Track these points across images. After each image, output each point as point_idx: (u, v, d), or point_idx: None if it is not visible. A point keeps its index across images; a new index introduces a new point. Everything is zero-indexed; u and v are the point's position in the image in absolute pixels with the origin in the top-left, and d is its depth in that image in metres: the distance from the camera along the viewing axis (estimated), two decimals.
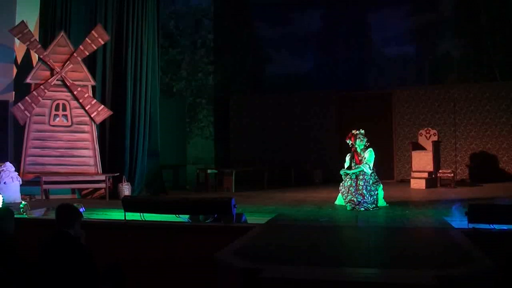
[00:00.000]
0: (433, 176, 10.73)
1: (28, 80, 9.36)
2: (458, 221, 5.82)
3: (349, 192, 7.43)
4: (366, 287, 3.34)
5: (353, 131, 7.84)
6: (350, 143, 7.86)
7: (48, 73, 9.45)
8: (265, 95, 14.17)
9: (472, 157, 12.21)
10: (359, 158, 7.67)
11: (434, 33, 13.21)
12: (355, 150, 7.76)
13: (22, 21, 9.29)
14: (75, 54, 9.51)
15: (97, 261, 3.68)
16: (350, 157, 7.80)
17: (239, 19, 14.83)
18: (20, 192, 8.51)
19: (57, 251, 3.61)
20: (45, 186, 8.94)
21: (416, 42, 13.56)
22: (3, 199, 7.17)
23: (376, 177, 7.65)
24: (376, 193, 7.45)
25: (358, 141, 7.72)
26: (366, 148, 7.72)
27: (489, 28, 12.51)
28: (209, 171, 11.34)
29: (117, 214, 6.83)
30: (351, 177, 7.59)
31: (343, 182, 7.68)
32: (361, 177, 7.48)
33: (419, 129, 11.84)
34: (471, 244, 4.36)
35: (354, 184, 7.44)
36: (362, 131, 7.84)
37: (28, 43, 9.32)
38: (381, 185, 7.61)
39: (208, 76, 14.71)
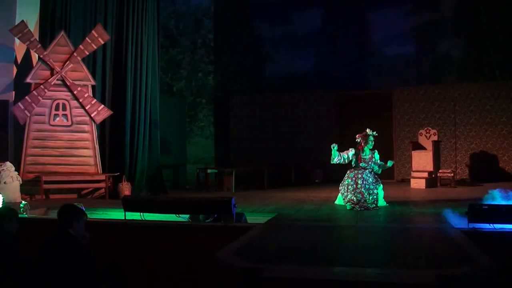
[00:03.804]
0: (433, 175, 10.74)
1: (28, 80, 9.35)
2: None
3: (348, 191, 7.42)
4: (366, 287, 3.34)
5: (368, 131, 7.72)
6: (359, 141, 7.76)
7: (48, 72, 9.44)
8: (265, 95, 14.18)
9: (472, 157, 12.21)
10: (362, 157, 7.64)
11: (434, 33, 13.21)
12: (362, 149, 7.71)
13: (22, 21, 9.28)
14: (75, 53, 9.50)
15: (97, 261, 3.68)
16: (355, 154, 7.73)
17: (239, 18, 14.84)
18: (20, 192, 8.51)
19: (57, 250, 3.61)
20: (45, 186, 8.93)
21: (416, 42, 13.57)
22: (3, 199, 7.17)
23: (376, 176, 7.64)
24: (376, 192, 7.44)
25: (370, 143, 7.65)
26: (372, 149, 7.69)
27: (489, 28, 12.52)
28: (209, 170, 11.35)
29: (117, 214, 6.83)
30: (349, 175, 7.57)
31: (342, 181, 7.67)
32: (359, 176, 7.47)
33: (419, 128, 11.84)
34: (471, 244, 4.36)
35: (353, 183, 7.43)
36: (375, 134, 7.73)
37: (28, 42, 9.32)
38: (381, 185, 7.59)
39: (208, 75, 14.73)
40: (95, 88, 10.03)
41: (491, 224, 5.28)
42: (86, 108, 9.60)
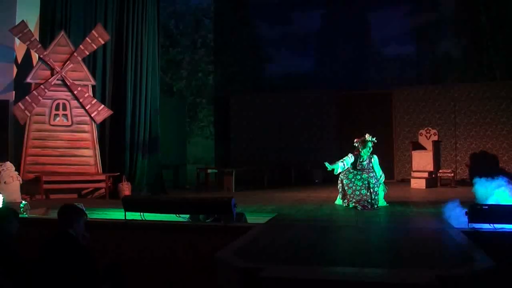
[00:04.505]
0: (433, 175, 10.74)
1: (28, 80, 9.36)
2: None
3: (347, 189, 7.41)
4: (366, 287, 3.33)
5: (367, 136, 7.64)
6: (356, 145, 7.71)
7: (48, 72, 9.45)
8: (265, 95, 14.18)
9: (472, 157, 12.21)
10: (360, 162, 7.59)
11: (434, 33, 13.21)
12: (358, 154, 7.67)
13: (22, 21, 9.29)
14: (75, 53, 9.51)
15: (97, 261, 3.68)
16: (354, 161, 7.68)
17: (239, 18, 14.84)
18: (20, 192, 8.51)
19: (57, 250, 3.61)
20: (45, 186, 8.94)
21: (416, 42, 13.57)
22: (3, 199, 7.17)
23: (374, 177, 7.61)
24: (376, 191, 7.42)
25: (366, 149, 7.58)
26: (370, 154, 7.65)
27: (489, 28, 12.52)
28: (209, 170, 11.35)
29: (117, 214, 6.83)
30: (347, 176, 7.54)
31: (339, 181, 7.63)
32: (358, 176, 7.45)
33: (419, 128, 11.85)
34: (471, 244, 4.36)
35: (351, 184, 7.40)
36: (375, 140, 7.65)
37: (28, 42, 9.32)
38: (382, 185, 7.57)
39: (208, 75, 14.73)
40: (95, 88, 10.03)
41: (491, 224, 5.28)
42: (86, 108, 9.60)
